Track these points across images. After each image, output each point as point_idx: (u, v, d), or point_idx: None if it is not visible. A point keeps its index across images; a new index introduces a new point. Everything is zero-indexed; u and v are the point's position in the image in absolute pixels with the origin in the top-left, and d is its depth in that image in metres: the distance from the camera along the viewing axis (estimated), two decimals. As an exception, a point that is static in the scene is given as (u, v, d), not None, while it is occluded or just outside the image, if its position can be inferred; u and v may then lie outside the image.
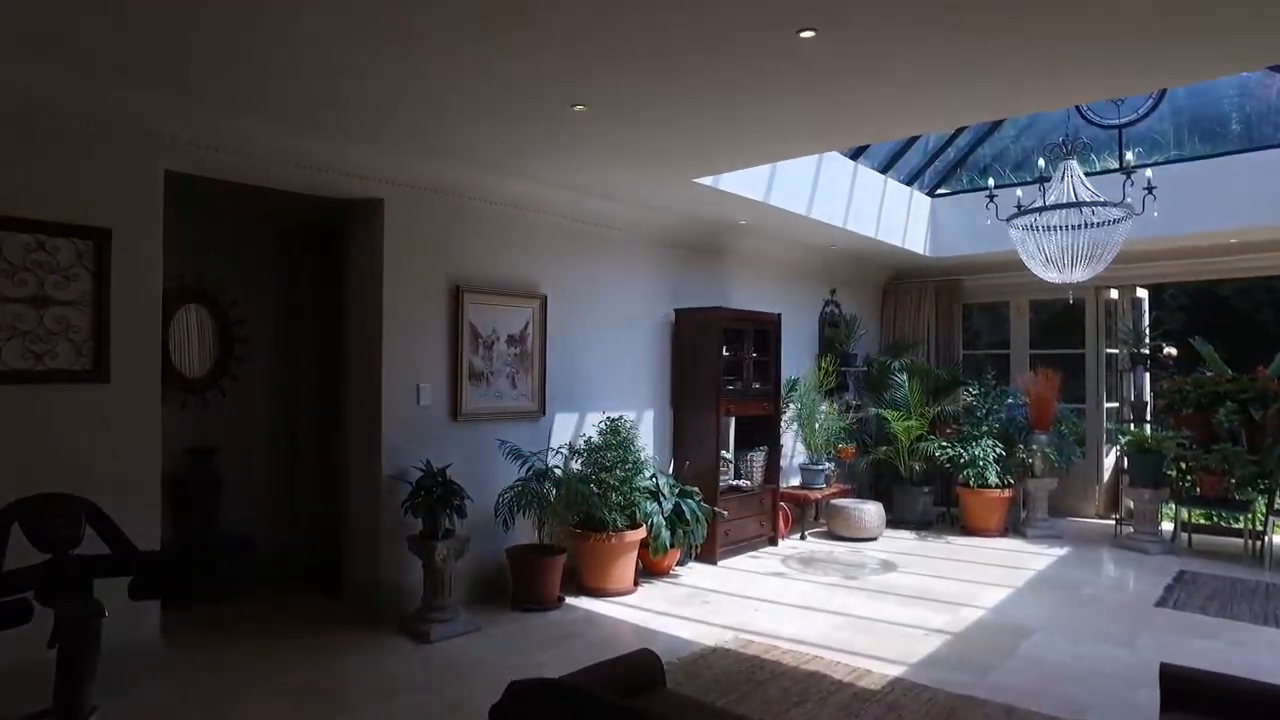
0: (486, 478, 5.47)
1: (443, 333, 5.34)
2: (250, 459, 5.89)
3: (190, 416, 5.61)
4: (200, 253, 5.66)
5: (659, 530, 5.87)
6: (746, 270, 7.95)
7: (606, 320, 6.49)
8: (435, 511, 4.82)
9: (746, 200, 6.28)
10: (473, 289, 5.46)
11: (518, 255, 5.82)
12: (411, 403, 5.17)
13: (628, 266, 6.70)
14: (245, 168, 4.48)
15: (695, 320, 6.97)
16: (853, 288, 9.54)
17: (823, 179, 7.09)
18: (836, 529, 7.78)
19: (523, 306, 5.80)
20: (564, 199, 5.94)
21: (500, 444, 5.46)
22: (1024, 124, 9.05)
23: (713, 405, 6.78)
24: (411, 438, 5.14)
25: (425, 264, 5.24)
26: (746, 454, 7.29)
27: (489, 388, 5.59)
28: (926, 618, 5.22)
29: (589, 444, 5.88)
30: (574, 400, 6.22)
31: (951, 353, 9.59)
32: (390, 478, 5.02)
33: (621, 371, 6.62)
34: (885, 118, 4.52)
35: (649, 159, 5.16)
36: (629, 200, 6.27)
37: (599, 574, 5.71)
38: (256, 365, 5.97)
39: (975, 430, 8.03)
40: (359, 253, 5.27)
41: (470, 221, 5.51)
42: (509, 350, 5.72)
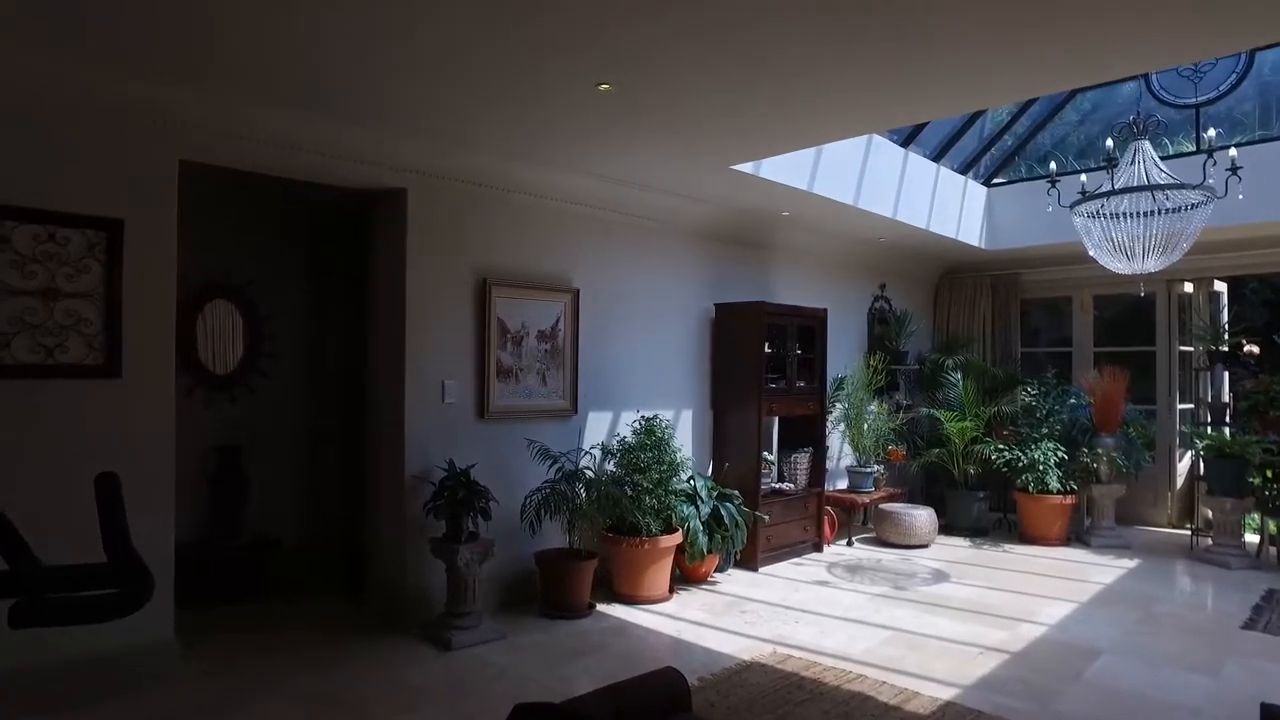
0: (514, 479, 5.26)
1: (469, 328, 5.15)
2: (277, 457, 5.78)
3: (217, 413, 5.52)
4: (228, 247, 5.57)
5: (695, 535, 5.60)
6: (790, 264, 7.62)
7: (643, 315, 6.23)
8: (458, 514, 4.62)
9: (789, 189, 5.96)
10: (501, 282, 5.25)
11: (548, 247, 5.60)
12: (436, 400, 4.98)
13: (665, 259, 6.43)
14: (261, 157, 4.33)
15: (736, 315, 6.66)
16: (903, 283, 9.13)
17: (871, 167, 6.73)
18: (885, 535, 7.41)
19: (554, 301, 5.57)
20: (596, 188, 5.70)
21: (529, 444, 5.23)
22: (1086, 109, 8.55)
23: (754, 404, 6.47)
24: (436, 436, 4.95)
25: (450, 256, 5.05)
26: (790, 456, 6.97)
27: (518, 385, 5.37)
28: (982, 634, 4.85)
29: (623, 444, 5.63)
30: (608, 398, 5.98)
31: (1009, 351, 9.11)
32: (414, 478, 4.84)
33: (658, 369, 6.35)
34: (950, 90, 4.12)
35: (683, 144, 4.89)
36: (665, 189, 6.00)
37: (632, 580, 5.46)
38: (284, 361, 5.86)
39: (1034, 432, 7.57)
40: (382, 245, 5.10)
41: (498, 212, 5.30)
42: (539, 346, 5.49)
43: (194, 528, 5.33)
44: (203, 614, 4.98)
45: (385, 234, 5.06)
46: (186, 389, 5.35)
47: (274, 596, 5.36)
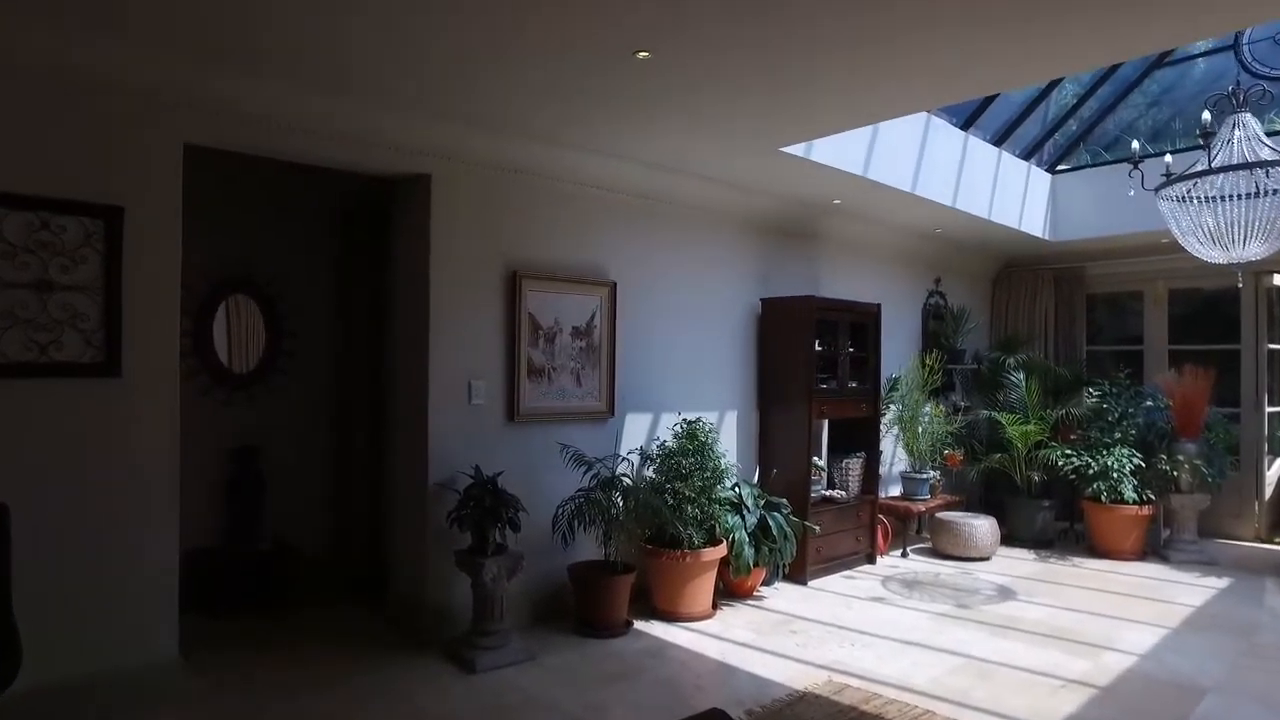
0: (546, 486, 4.90)
1: (498, 324, 4.79)
2: (297, 460, 5.49)
3: (235, 414, 5.24)
4: (247, 242, 5.29)
5: (741, 547, 5.19)
6: (841, 257, 7.16)
7: (684, 310, 5.83)
8: (484, 524, 4.26)
9: (842, 175, 5.52)
10: (532, 275, 4.89)
11: (583, 238, 5.22)
12: (462, 401, 4.63)
13: (708, 251, 6.02)
14: (273, 140, 4.01)
15: (784, 310, 6.23)
16: (959, 277, 8.61)
17: (929, 151, 6.26)
18: (943, 546, 6.91)
19: (589, 294, 5.20)
20: (634, 174, 5.31)
21: (562, 448, 4.87)
22: (1156, 93, 7.95)
23: (804, 406, 6.03)
24: (461, 440, 4.61)
25: (478, 247, 4.70)
26: (841, 461, 6.52)
27: (550, 385, 5.01)
28: (1061, 663, 4.37)
29: (663, 449, 5.24)
30: (647, 400, 5.59)
31: (1073, 349, 8.54)
32: (437, 485, 4.50)
33: (701, 367, 5.95)
34: (1025, 55, 3.68)
35: (727, 122, 4.48)
36: (708, 175, 5.59)
37: (672, 596, 5.07)
38: (306, 359, 5.57)
39: (1105, 437, 7.01)
40: (404, 235, 4.77)
41: (528, 200, 4.94)
42: (573, 343, 5.12)
43: (210, 533, 5.07)
44: (216, 624, 4.72)
45: (408, 223, 4.73)
46: (203, 388, 5.10)
47: (291, 607, 5.07)
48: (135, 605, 3.56)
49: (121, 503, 3.53)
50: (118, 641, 3.51)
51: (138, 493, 3.57)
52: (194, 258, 5.00)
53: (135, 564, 3.56)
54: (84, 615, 3.43)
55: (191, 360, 5.06)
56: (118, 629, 3.51)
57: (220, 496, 5.12)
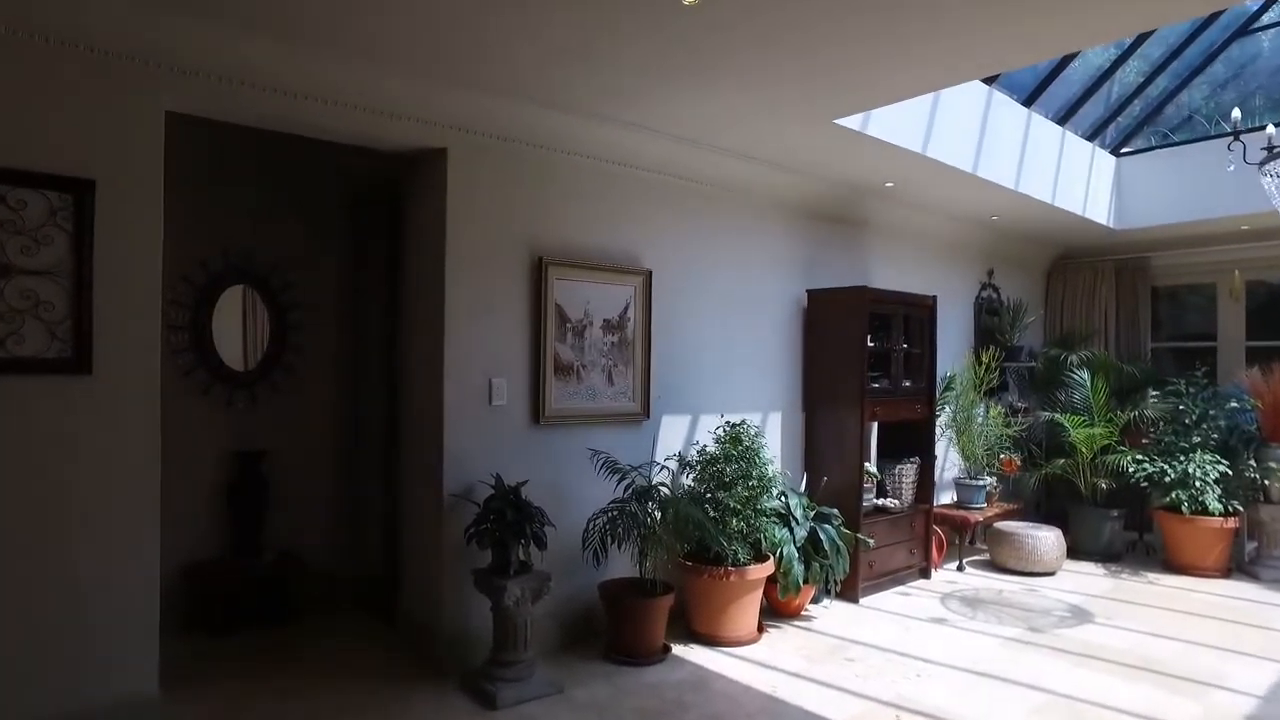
0: (575, 496, 4.43)
1: (522, 316, 4.32)
2: (303, 465, 5.05)
3: (236, 414, 4.81)
4: (248, 229, 4.86)
5: (790, 563, 4.69)
6: (889, 246, 6.62)
7: (724, 302, 5.32)
8: (506, 541, 3.79)
9: (899, 152, 4.99)
10: (559, 262, 4.41)
11: (615, 222, 4.74)
12: (482, 402, 4.16)
13: (750, 238, 5.51)
14: (269, 109, 3.55)
15: (834, 303, 5.71)
16: (1011, 269, 8.03)
17: (991, 130, 5.71)
18: (1002, 559, 6.36)
19: (622, 284, 4.71)
20: (671, 152, 4.81)
21: (593, 455, 4.39)
22: (1224, 77, 7.33)
23: (855, 407, 5.51)
24: (481, 446, 4.14)
25: (500, 230, 4.23)
26: (893, 467, 5.98)
27: (580, 384, 4.53)
28: (1163, 705, 3.82)
29: (703, 455, 4.74)
30: (684, 400, 5.09)
31: (1136, 345, 7.93)
32: (453, 496, 4.03)
33: (741, 365, 5.44)
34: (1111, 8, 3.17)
35: (777, 89, 3.97)
36: (751, 154, 5.08)
37: (714, 617, 4.57)
38: (313, 356, 5.13)
39: (1181, 440, 6.41)
40: (419, 219, 4.31)
41: (556, 179, 4.46)
42: (605, 338, 4.64)
43: (208, 545, 4.65)
44: (214, 644, 4.31)
45: (422, 205, 4.27)
46: (202, 387, 4.67)
47: (296, 625, 4.64)
48: (106, 636, 3.12)
49: (92, 519, 3.09)
50: (85, 677, 3.07)
51: (111, 508, 3.13)
52: (192, 246, 4.62)
53: (107, 589, 3.12)
54: (45, 648, 2.99)
55: (189, 356, 4.63)
56: (85, 663, 3.07)
57: (220, 504, 4.69)
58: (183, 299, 4.61)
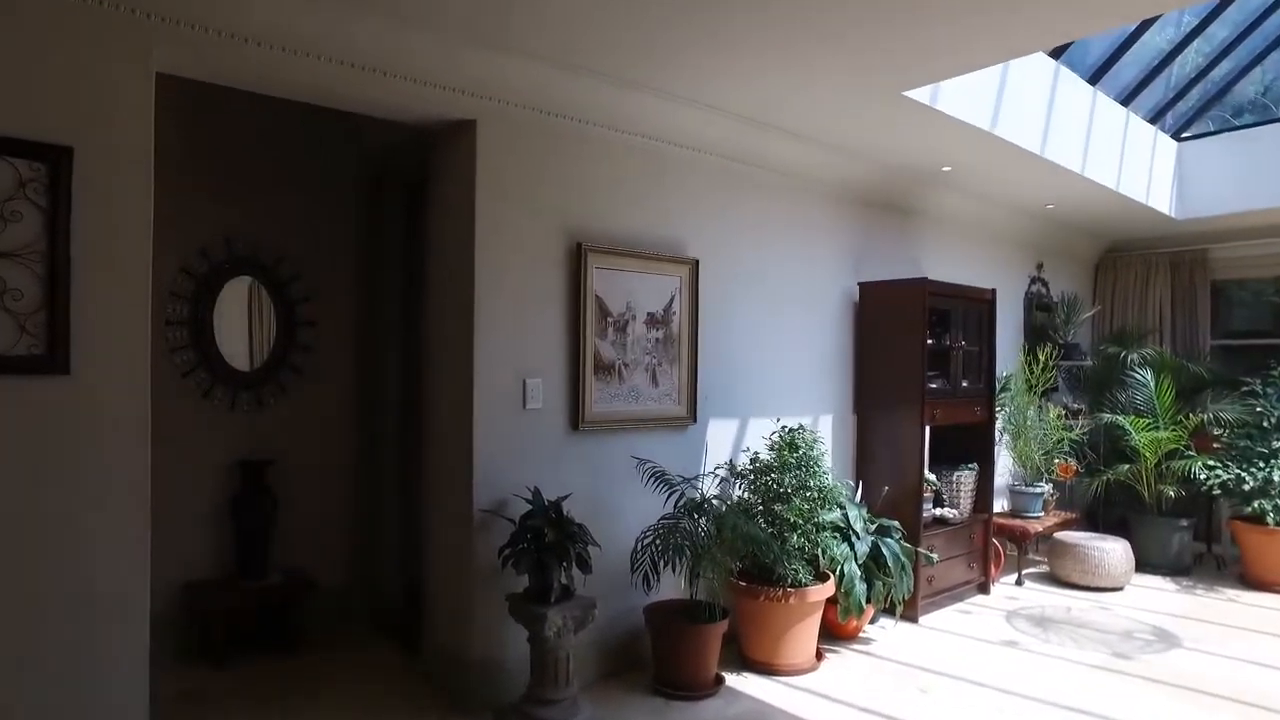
0: (617, 510, 3.98)
1: (559, 309, 3.86)
2: (315, 474, 4.60)
3: (240, 419, 4.36)
4: (254, 214, 4.41)
5: (852, 583, 4.24)
6: (939, 237, 6.16)
7: (772, 294, 4.86)
8: (546, 564, 3.33)
9: (967, 130, 4.54)
10: (600, 249, 3.95)
11: (660, 206, 4.28)
12: (515, 406, 3.70)
13: (799, 226, 5.05)
14: (276, 72, 3.09)
15: (889, 297, 5.25)
16: (1059, 262, 7.57)
17: (1058, 107, 5.25)
18: (1064, 572, 5.90)
19: (666, 274, 4.25)
20: (721, 131, 4.36)
21: (638, 464, 3.93)
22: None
23: (915, 409, 5.05)
24: (514, 454, 3.68)
25: (534, 213, 3.77)
26: (950, 474, 5.52)
27: (621, 385, 4.07)
28: (1293, 747, 3.37)
29: (756, 463, 4.29)
30: (732, 402, 4.63)
31: (1193, 342, 7.44)
32: (484, 512, 3.58)
33: (791, 364, 4.98)
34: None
35: (846, 56, 3.52)
36: (803, 133, 4.63)
37: (770, 643, 4.12)
38: (325, 355, 4.68)
39: (1258, 445, 5.94)
40: (444, 200, 3.85)
41: (594, 157, 4.00)
42: (648, 334, 4.18)
43: (208, 563, 4.21)
44: (213, 675, 3.87)
45: (448, 185, 3.81)
46: (203, 388, 4.23)
47: (307, 653, 4.19)
48: (87, 670, 2.67)
49: (69, 540, 2.63)
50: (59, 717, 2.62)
51: (92, 527, 2.68)
52: (190, 232, 4.17)
53: (89, 618, 2.66)
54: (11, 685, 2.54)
55: (187, 355, 4.19)
56: (60, 702, 2.61)
57: (223, 519, 4.25)
58: (181, 291, 4.17)
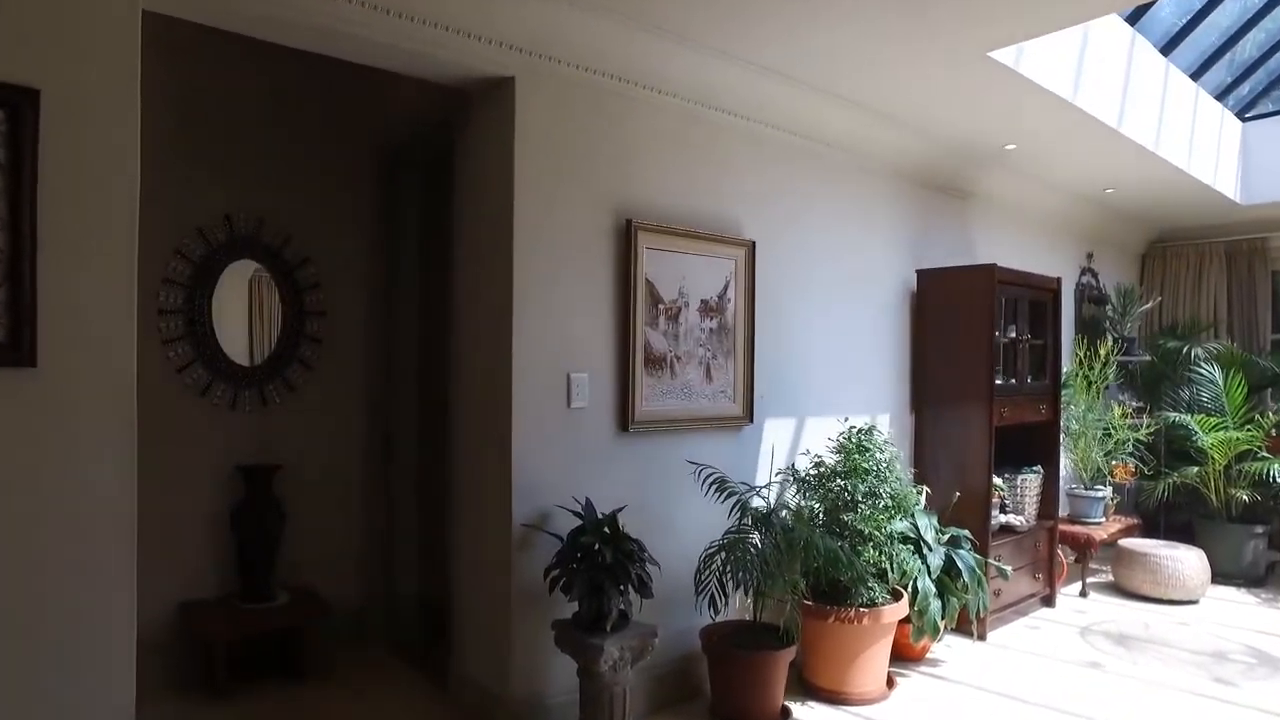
0: (668, 521, 3.53)
1: (607, 294, 3.40)
2: (326, 481, 4.15)
3: (243, 420, 3.90)
4: (259, 190, 3.95)
5: (926, 600, 3.81)
6: (992, 223, 5.72)
7: (829, 281, 4.42)
8: (602, 587, 2.88)
9: (1049, 98, 4.11)
10: (651, 226, 3.49)
11: (713, 180, 3.83)
12: (559, 404, 3.25)
13: (857, 207, 4.61)
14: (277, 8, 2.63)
15: (953, 284, 4.80)
16: (1107, 253, 7.15)
17: (1134, 78, 4.82)
18: (1131, 583, 5.46)
19: (721, 256, 3.80)
20: (780, 98, 3.90)
21: (696, 470, 3.48)
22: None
23: (982, 407, 4.61)
24: (558, 460, 3.23)
25: (579, 185, 3.31)
26: (1015, 477, 5.08)
27: (674, 381, 3.61)
28: None
29: (820, 469, 3.84)
30: (788, 400, 4.18)
31: (1252, 336, 7.02)
32: (526, 526, 3.12)
33: (847, 357, 4.54)
34: None
35: (927, 10, 3.08)
36: (872, 103, 4.18)
37: (839, 669, 3.67)
38: (338, 348, 4.22)
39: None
40: (476, 171, 3.39)
41: (643, 124, 3.54)
42: (702, 323, 3.73)
43: (206, 583, 3.77)
44: (212, 708, 3.40)
45: (481, 154, 3.35)
46: (200, 385, 3.77)
47: (317, 682, 3.72)
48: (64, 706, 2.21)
49: (40, 558, 2.17)
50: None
51: (65, 544, 2.21)
52: (187, 210, 3.71)
53: (68, 645, 2.20)
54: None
55: (183, 348, 3.73)
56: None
57: (221, 532, 3.78)
58: (175, 276, 3.71)
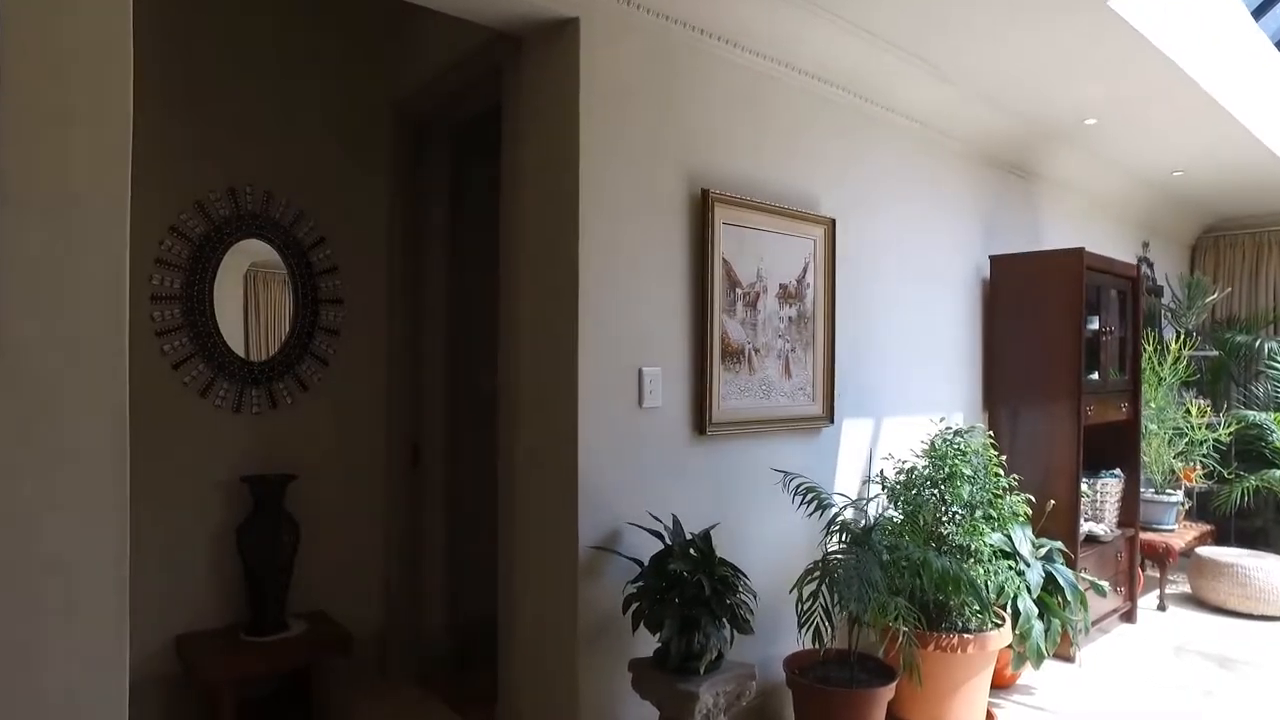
0: (744, 537, 3.06)
1: (681, 274, 2.93)
2: (345, 493, 3.64)
3: (250, 423, 3.39)
4: (267, 160, 3.44)
5: (1029, 623, 3.37)
6: (1055, 207, 5.31)
7: (902, 267, 3.98)
8: (697, 623, 2.40)
9: (1157, 58, 3.68)
10: (728, 199, 3.02)
11: (787, 148, 3.36)
12: (629, 403, 2.77)
13: (927, 185, 4.17)
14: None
15: (1033, 271, 4.37)
16: (1159, 242, 6.76)
17: (1226, 45, 4.40)
18: (1214, 596, 5.05)
19: (799, 234, 3.33)
20: (863, 61, 3.46)
21: (784, 479, 3.00)
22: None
23: (1069, 405, 4.18)
24: (629, 470, 2.75)
25: (650, 147, 2.84)
26: (1094, 482, 4.65)
27: (752, 376, 3.14)
28: None
29: (912, 474, 3.38)
30: (866, 397, 3.73)
31: (1312, 330, 6.67)
32: (595, 549, 2.64)
33: (920, 349, 4.09)
34: None
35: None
36: (950, 66, 3.73)
37: (936, 703, 3.22)
38: (357, 340, 3.71)
39: None
40: (531, 128, 2.90)
41: (715, 79, 3.07)
42: (780, 310, 3.26)
43: (209, 611, 3.27)
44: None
45: (535, 110, 2.87)
46: (200, 383, 3.27)
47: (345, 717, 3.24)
48: None
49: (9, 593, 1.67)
50: None
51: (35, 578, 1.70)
52: (185, 181, 3.21)
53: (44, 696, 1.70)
54: None
55: (180, 340, 3.23)
56: None
57: (227, 553, 3.28)
58: (171, 257, 3.21)
